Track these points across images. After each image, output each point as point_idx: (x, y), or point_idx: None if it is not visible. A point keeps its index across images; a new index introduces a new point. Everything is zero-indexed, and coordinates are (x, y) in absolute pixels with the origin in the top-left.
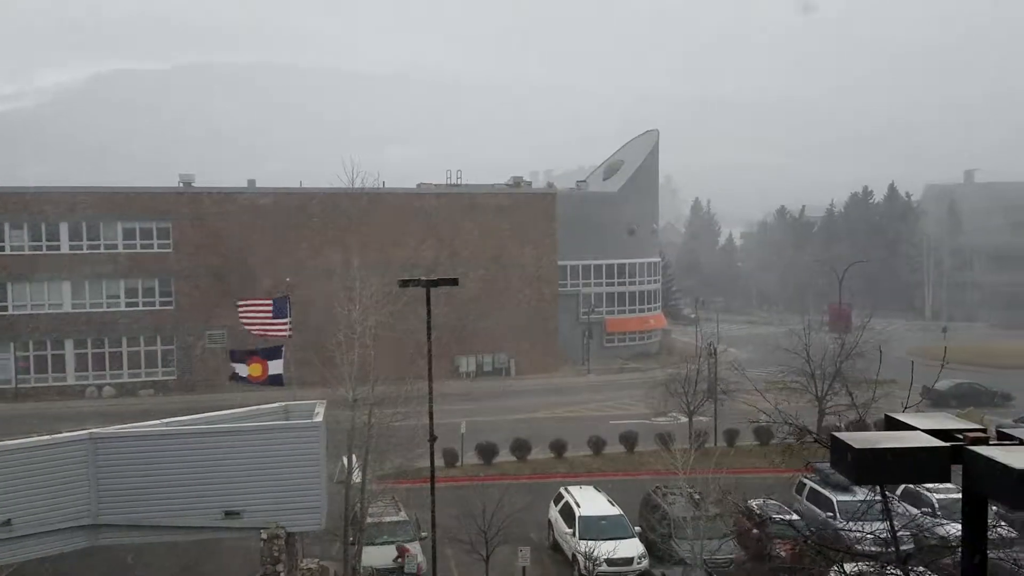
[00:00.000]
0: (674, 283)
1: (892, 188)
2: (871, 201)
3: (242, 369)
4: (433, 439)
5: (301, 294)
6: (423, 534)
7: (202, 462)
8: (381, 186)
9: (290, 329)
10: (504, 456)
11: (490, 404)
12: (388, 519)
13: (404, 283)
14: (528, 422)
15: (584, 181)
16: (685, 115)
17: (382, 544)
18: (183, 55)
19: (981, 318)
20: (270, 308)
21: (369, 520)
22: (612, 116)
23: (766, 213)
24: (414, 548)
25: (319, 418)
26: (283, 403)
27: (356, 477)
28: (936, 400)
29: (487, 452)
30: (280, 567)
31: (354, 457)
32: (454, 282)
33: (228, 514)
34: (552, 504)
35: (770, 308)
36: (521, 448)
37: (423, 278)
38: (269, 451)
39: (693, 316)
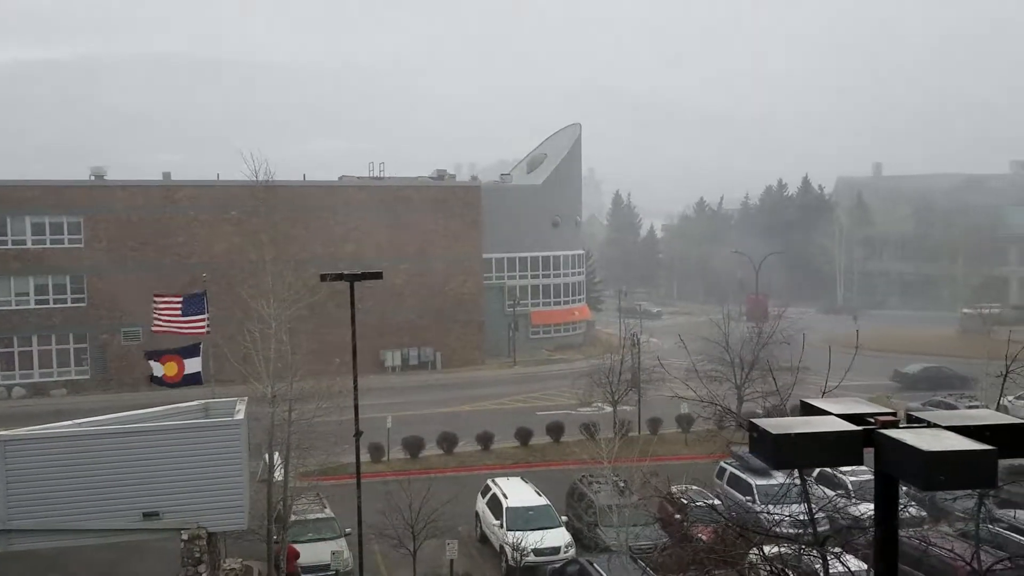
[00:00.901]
0: (597, 275)
1: (806, 181)
2: (786, 194)
3: (158, 368)
4: (358, 434)
5: (218, 289)
6: (348, 530)
7: (119, 463)
8: (302, 179)
9: (208, 326)
10: (431, 450)
11: (416, 398)
12: (312, 516)
13: (325, 277)
14: (455, 415)
15: (508, 174)
16: (607, 109)
17: (307, 542)
18: (91, 45)
19: (889, 305)
20: (179, 305)
21: (293, 518)
22: (535, 110)
23: (686, 205)
24: (338, 544)
25: (240, 416)
26: (203, 401)
27: (279, 475)
28: (906, 383)
29: (413, 446)
30: (202, 568)
31: (276, 454)
32: (378, 276)
33: (147, 515)
34: (479, 496)
35: (691, 298)
36: (448, 441)
37: (345, 272)
38: (189, 450)
39: (617, 308)
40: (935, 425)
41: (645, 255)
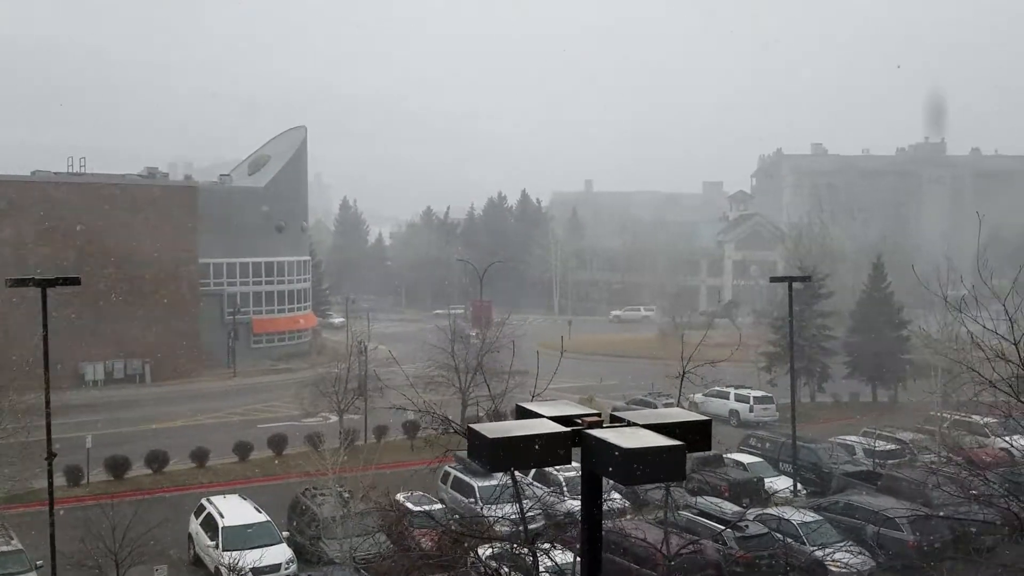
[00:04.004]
0: (324, 281)
1: (524, 194)
2: (506, 206)
3: None
4: (51, 456)
5: None
6: (39, 563)
7: None
8: None
9: None
10: (138, 470)
11: (122, 414)
12: None
13: (13, 282)
14: (167, 431)
15: (228, 175)
16: (337, 114)
17: None
18: None
19: (599, 312)
20: None
21: None
22: (259, 112)
23: (413, 213)
24: None
25: None
26: None
27: None
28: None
29: (118, 467)
30: None
31: None
32: (75, 281)
33: None
34: (193, 517)
35: (419, 305)
36: (158, 460)
37: (36, 277)
38: None
39: (343, 316)
40: (634, 424)
41: (373, 262)
